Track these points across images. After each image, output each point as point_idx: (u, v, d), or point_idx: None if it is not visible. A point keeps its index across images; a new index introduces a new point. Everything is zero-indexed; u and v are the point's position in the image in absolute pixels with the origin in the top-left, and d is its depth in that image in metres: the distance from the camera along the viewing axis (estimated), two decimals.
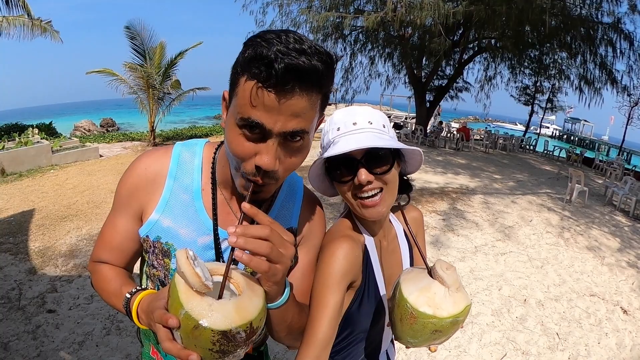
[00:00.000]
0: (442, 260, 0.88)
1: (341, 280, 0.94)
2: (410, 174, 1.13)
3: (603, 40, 13.26)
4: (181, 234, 0.95)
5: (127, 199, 0.98)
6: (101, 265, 1.05)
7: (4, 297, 3.76)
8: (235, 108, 0.76)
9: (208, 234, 0.96)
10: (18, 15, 9.88)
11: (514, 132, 27.65)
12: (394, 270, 1.14)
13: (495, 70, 18.02)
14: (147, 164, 0.98)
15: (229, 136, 0.79)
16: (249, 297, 0.71)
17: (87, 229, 5.48)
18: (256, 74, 0.70)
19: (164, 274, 0.99)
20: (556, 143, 23.84)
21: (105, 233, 1.04)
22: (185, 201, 0.96)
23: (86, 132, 23.19)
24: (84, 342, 3.17)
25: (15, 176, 8.25)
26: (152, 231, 0.96)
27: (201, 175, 0.98)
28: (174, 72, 12.45)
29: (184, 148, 1.01)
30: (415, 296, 0.84)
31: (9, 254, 4.66)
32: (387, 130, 0.98)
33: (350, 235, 1.04)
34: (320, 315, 0.91)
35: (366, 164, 0.93)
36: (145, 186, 0.96)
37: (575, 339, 3.77)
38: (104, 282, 1.02)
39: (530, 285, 4.69)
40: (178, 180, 0.97)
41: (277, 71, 0.68)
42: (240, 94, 0.74)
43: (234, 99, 0.77)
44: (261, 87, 0.70)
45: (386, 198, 0.97)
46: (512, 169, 12.93)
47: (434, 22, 11.04)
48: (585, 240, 6.52)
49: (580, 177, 8.85)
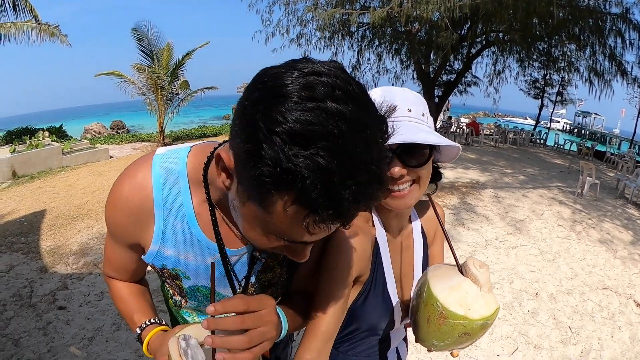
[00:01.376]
0: (475, 258, 0.82)
1: (348, 274, 0.92)
2: (442, 163, 1.04)
3: (612, 31, 13.03)
4: (186, 260, 0.90)
5: (118, 234, 0.92)
6: (113, 282, 1.04)
7: (16, 295, 3.80)
8: (267, 225, 0.61)
9: (214, 255, 0.90)
10: (26, 20, 10.00)
11: (524, 126, 27.37)
12: (406, 268, 1.09)
13: (503, 64, 17.79)
14: (129, 194, 0.84)
15: (250, 232, 0.67)
16: None
17: (98, 227, 5.53)
18: (308, 205, 0.52)
19: (179, 291, 0.99)
20: (567, 137, 23.53)
21: (107, 253, 1.00)
22: (181, 229, 0.87)
23: (96, 135, 23.43)
24: (94, 338, 3.20)
25: (26, 178, 8.36)
26: (155, 260, 0.91)
27: (190, 197, 0.86)
28: (182, 73, 12.51)
29: (164, 167, 0.85)
30: (445, 294, 0.78)
31: (21, 253, 4.72)
32: (426, 120, 0.90)
33: (361, 227, 0.99)
34: (326, 308, 0.89)
35: (401, 155, 0.85)
36: (133, 222, 0.86)
37: (588, 332, 3.71)
38: (118, 300, 1.03)
39: (542, 279, 4.63)
40: (167, 209, 0.85)
41: (346, 210, 0.53)
42: (279, 218, 0.57)
43: (261, 211, 0.58)
44: (315, 220, 0.54)
45: (415, 191, 0.91)
46: (523, 163, 12.80)
47: (441, 16, 10.93)
48: (598, 233, 6.43)
49: (592, 170, 8.72)
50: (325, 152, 0.48)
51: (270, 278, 1.00)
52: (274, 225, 0.59)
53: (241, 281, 0.95)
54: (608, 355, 3.41)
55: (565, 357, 3.34)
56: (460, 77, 16.82)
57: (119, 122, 31.67)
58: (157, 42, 12.00)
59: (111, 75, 11.66)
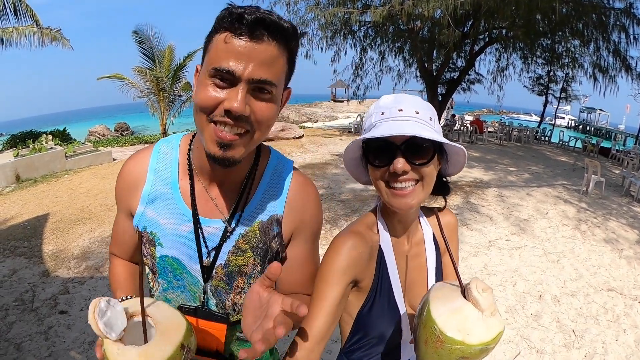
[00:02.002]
0: (479, 280, 0.80)
1: (341, 276, 0.93)
2: (451, 175, 1.07)
3: (616, 27, 12.93)
4: (162, 224, 1.00)
5: (118, 199, 1.07)
6: (114, 260, 1.19)
7: (18, 299, 3.82)
8: (206, 64, 0.81)
9: (188, 222, 0.99)
10: (27, 25, 10.06)
11: (528, 123, 27.21)
12: (415, 276, 1.07)
13: (507, 61, 17.74)
14: (130, 165, 1.04)
15: (198, 92, 0.82)
16: (157, 344, 0.76)
17: (100, 231, 5.54)
18: (229, 25, 0.77)
19: (152, 262, 1.05)
20: (572, 133, 23.39)
21: (113, 228, 1.17)
22: (164, 193, 1.01)
23: (100, 137, 23.55)
24: (94, 342, 3.19)
25: (30, 182, 8.39)
26: (140, 222, 1.02)
27: (178, 166, 1.02)
28: (183, 75, 12.50)
29: (164, 143, 1.06)
30: (444, 318, 0.77)
31: (24, 258, 4.74)
32: (434, 124, 0.92)
33: (361, 231, 1.00)
34: (317, 309, 0.90)
35: (405, 152, 0.88)
36: (129, 186, 1.03)
37: (592, 336, 3.66)
38: (111, 277, 1.17)
39: (546, 280, 4.59)
40: (158, 174, 1.02)
41: (247, 21, 0.75)
42: (213, 48, 0.80)
43: (206, 56, 0.82)
44: (233, 35, 0.77)
45: (418, 192, 0.91)
46: (527, 160, 12.72)
47: (443, 13, 10.87)
48: (603, 232, 6.37)
49: (597, 167, 8.65)
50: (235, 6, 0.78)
51: (241, 264, 1.01)
52: (210, 61, 0.79)
53: (211, 251, 1.00)
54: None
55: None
56: (464, 74, 16.76)
57: (123, 124, 31.79)
58: (158, 44, 12.00)
59: (113, 79, 11.68)
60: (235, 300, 1.05)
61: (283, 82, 0.86)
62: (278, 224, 1.03)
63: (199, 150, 0.96)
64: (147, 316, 0.80)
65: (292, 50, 0.84)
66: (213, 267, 1.01)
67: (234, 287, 1.03)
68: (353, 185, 7.57)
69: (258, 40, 0.77)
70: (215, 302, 1.04)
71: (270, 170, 1.05)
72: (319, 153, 11.44)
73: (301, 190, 1.06)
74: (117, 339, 0.75)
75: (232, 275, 1.02)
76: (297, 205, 1.04)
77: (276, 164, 1.06)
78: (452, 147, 0.95)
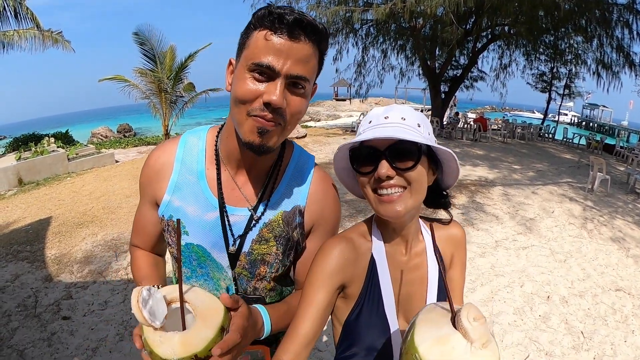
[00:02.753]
0: (472, 307, 0.71)
1: (327, 279, 0.93)
2: (449, 187, 1.05)
3: (619, 22, 12.88)
4: (188, 212, 1.03)
5: (143, 188, 1.11)
6: (135, 251, 1.21)
7: (21, 305, 3.80)
8: (245, 58, 0.86)
9: (214, 210, 1.02)
10: (28, 28, 10.06)
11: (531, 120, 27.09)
12: (413, 289, 1.01)
13: (510, 58, 17.72)
14: (157, 155, 1.08)
15: (237, 84, 0.87)
16: (198, 329, 0.77)
17: (102, 234, 5.52)
18: (269, 24, 0.83)
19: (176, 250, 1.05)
20: (575, 130, 23.26)
21: (135, 218, 1.19)
22: (191, 182, 1.04)
23: (103, 139, 23.57)
24: (98, 349, 3.18)
25: (32, 185, 8.39)
26: (166, 210, 1.05)
27: (205, 156, 1.06)
28: (185, 75, 12.47)
29: (191, 134, 1.10)
30: (427, 346, 0.69)
31: (26, 262, 4.72)
32: (422, 130, 0.89)
33: (351, 237, 1.00)
34: (304, 312, 0.91)
35: (389, 157, 0.86)
36: (156, 175, 1.06)
37: (600, 337, 3.61)
38: (134, 268, 1.18)
39: (554, 281, 4.53)
40: (184, 163, 1.05)
41: (287, 21, 0.82)
42: (253, 43, 0.85)
43: (245, 51, 0.87)
44: (273, 33, 0.83)
45: (406, 198, 0.88)
46: (532, 158, 12.64)
47: (445, 10, 10.82)
48: (609, 231, 6.30)
49: (602, 165, 8.58)
50: (274, 7, 0.84)
51: (264, 252, 1.05)
52: (250, 55, 0.84)
53: (236, 239, 1.03)
54: None
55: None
56: (467, 72, 16.72)
57: (126, 125, 31.88)
58: (159, 45, 11.94)
59: (115, 80, 11.64)
60: (255, 285, 1.09)
61: (314, 79, 0.92)
62: (300, 215, 1.07)
63: (228, 140, 1.01)
64: (186, 302, 0.81)
65: (322, 50, 0.91)
66: (238, 255, 1.04)
67: (255, 275, 1.07)
68: None
69: (296, 39, 0.83)
70: (236, 289, 1.09)
71: (294, 162, 1.10)
72: (322, 152, 11.38)
73: (322, 184, 1.11)
74: (160, 326, 0.76)
75: (254, 264, 1.06)
76: (318, 198, 1.09)
77: (299, 156, 1.11)
78: (443, 154, 0.92)
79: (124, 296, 3.89)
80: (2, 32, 9.82)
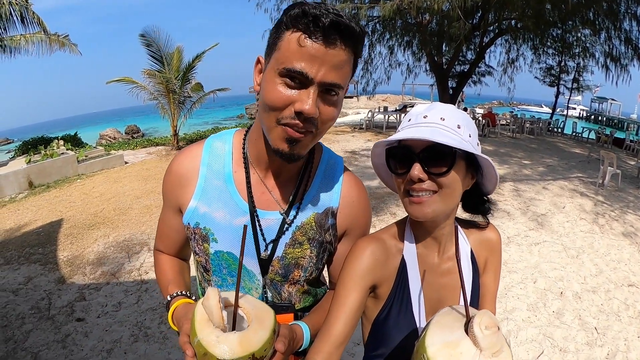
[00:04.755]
0: (487, 315, 0.70)
1: (359, 280, 0.93)
2: (489, 193, 1.01)
3: (627, 14, 12.71)
4: (216, 218, 0.99)
5: (167, 195, 1.07)
6: (160, 256, 1.18)
7: (34, 308, 3.83)
8: (276, 61, 0.81)
9: (244, 215, 0.99)
10: (35, 32, 10.16)
11: (540, 114, 26.85)
12: (445, 293, 1.00)
13: (517, 52, 17.54)
14: (180, 160, 1.04)
15: (267, 88, 0.82)
16: (255, 329, 0.78)
17: (114, 235, 5.55)
18: (304, 27, 0.77)
19: (205, 259, 1.04)
20: (584, 124, 23.05)
21: (158, 224, 1.17)
22: (218, 186, 1.00)
23: (111, 140, 23.73)
24: (112, 350, 3.19)
25: (43, 188, 8.45)
26: (192, 218, 1.01)
27: (232, 159, 1.02)
28: (193, 76, 12.49)
29: (215, 138, 1.06)
30: (435, 349, 0.69)
31: (39, 265, 4.76)
32: (462, 132, 0.86)
33: (383, 238, 0.99)
34: (336, 313, 0.91)
35: (423, 160, 0.84)
36: (180, 181, 1.02)
37: (614, 333, 3.58)
38: (159, 273, 1.16)
39: (566, 277, 4.50)
40: (210, 168, 1.01)
41: (323, 24, 0.75)
42: (285, 46, 0.79)
43: (276, 53, 0.81)
44: (308, 37, 0.77)
45: (435, 201, 0.86)
46: (541, 153, 12.53)
47: (452, 6, 10.74)
48: (621, 226, 6.24)
49: (613, 159, 8.49)
50: (308, 5, 0.77)
51: (298, 256, 1.02)
52: (282, 59, 0.79)
53: (268, 244, 1.00)
54: (634, 357, 3.29)
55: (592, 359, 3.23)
56: (474, 67, 16.58)
57: (134, 126, 32.08)
58: (166, 46, 11.98)
59: (122, 82, 11.69)
60: (290, 290, 1.07)
61: (348, 84, 0.87)
62: (333, 216, 1.05)
63: (256, 143, 0.98)
64: (239, 307, 0.82)
65: (358, 53, 0.86)
66: (270, 260, 1.01)
67: (289, 279, 1.05)
68: (369, 183, 7.50)
69: (332, 45, 0.78)
70: (272, 295, 1.06)
71: (324, 164, 1.07)
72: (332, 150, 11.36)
73: (355, 188, 1.08)
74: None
75: (288, 268, 1.03)
76: (351, 201, 1.06)
77: (328, 158, 1.09)
78: (481, 159, 0.89)
79: (137, 297, 3.91)
80: (9, 37, 9.91)
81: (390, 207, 6.41)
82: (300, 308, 1.09)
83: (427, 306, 0.98)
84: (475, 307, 0.96)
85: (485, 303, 1.08)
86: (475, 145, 0.88)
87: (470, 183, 0.94)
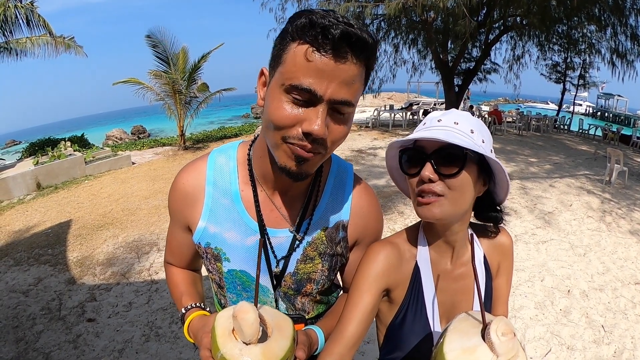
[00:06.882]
0: (503, 321, 0.72)
1: (372, 283, 0.94)
2: (501, 202, 1.01)
3: (633, 10, 12.60)
4: (227, 238, 0.97)
5: (174, 213, 1.04)
6: (171, 268, 1.18)
7: (45, 308, 3.87)
8: (282, 76, 0.75)
9: (254, 234, 0.97)
10: (40, 34, 10.25)
11: (546, 111, 26.69)
12: (459, 298, 1.01)
13: (523, 49, 17.45)
14: (184, 177, 1.00)
15: (272, 106, 0.76)
16: (276, 339, 0.79)
17: (124, 236, 5.60)
18: (311, 38, 0.70)
19: (219, 277, 1.04)
20: (591, 121, 22.86)
21: (168, 238, 1.14)
22: (226, 205, 0.97)
23: (118, 141, 23.86)
24: (124, 350, 3.22)
25: (51, 189, 8.52)
26: (202, 238, 0.99)
27: (237, 176, 0.98)
28: (198, 76, 12.53)
29: (218, 153, 1.02)
30: (454, 355, 0.71)
31: (49, 265, 4.81)
32: (475, 137, 0.86)
33: (396, 242, 1.00)
34: (349, 315, 0.92)
35: (435, 161, 0.85)
36: (185, 200, 0.99)
37: (621, 331, 3.57)
38: (171, 285, 1.15)
39: (574, 275, 4.49)
40: (217, 186, 0.98)
41: (333, 36, 0.69)
42: (291, 60, 0.73)
43: (281, 67, 0.75)
44: (316, 51, 0.70)
45: (443, 203, 0.86)
46: (548, 150, 12.46)
47: (457, 3, 10.71)
48: (628, 224, 6.20)
49: (620, 156, 8.44)
50: (315, 14, 0.71)
51: (310, 271, 1.01)
52: (288, 74, 0.73)
53: (279, 260, 0.99)
54: None
55: (599, 357, 3.22)
56: (480, 64, 16.49)
57: (140, 127, 32.21)
58: (172, 47, 12.02)
59: (129, 83, 11.74)
60: (303, 300, 1.07)
61: (358, 100, 0.82)
62: (344, 229, 1.03)
63: (261, 159, 0.94)
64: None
65: (370, 66, 0.80)
66: (282, 275, 1.01)
67: (302, 292, 1.05)
68: (376, 182, 7.51)
69: (342, 59, 0.72)
70: (285, 307, 1.07)
71: (333, 176, 1.04)
72: (338, 149, 11.26)
73: (365, 197, 1.06)
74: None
75: (300, 283, 1.03)
76: (362, 212, 1.04)
77: (337, 168, 1.05)
78: (494, 164, 0.89)
79: (147, 297, 3.95)
80: (15, 39, 9.99)
81: (398, 206, 6.42)
82: (312, 317, 1.10)
83: (441, 311, 0.99)
84: (487, 311, 0.98)
85: (498, 306, 1.10)
86: (489, 151, 0.88)
87: (482, 189, 0.94)
